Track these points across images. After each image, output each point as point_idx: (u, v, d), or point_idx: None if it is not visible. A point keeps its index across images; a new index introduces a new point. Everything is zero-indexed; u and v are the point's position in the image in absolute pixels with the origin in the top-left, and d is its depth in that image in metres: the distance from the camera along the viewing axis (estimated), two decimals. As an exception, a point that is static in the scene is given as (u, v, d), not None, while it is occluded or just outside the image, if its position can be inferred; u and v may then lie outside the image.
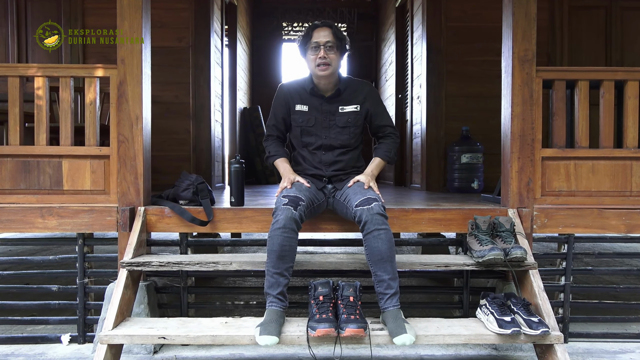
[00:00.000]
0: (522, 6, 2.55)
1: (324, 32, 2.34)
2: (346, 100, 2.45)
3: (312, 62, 2.36)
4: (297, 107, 2.45)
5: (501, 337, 2.07)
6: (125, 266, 2.30)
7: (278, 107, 2.50)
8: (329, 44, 2.33)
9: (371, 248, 2.11)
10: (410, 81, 5.33)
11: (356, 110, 2.44)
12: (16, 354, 2.47)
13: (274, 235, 2.11)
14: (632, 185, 2.64)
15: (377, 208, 2.14)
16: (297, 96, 2.46)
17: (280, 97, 2.50)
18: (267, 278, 2.12)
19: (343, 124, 2.44)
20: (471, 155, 4.22)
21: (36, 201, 2.58)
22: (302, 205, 2.18)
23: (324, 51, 2.32)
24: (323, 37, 2.33)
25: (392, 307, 2.07)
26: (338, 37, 2.36)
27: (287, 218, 2.11)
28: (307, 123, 2.44)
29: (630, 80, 2.65)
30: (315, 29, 2.36)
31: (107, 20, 3.86)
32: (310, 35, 2.35)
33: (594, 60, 4.61)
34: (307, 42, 2.36)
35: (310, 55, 2.36)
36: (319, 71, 2.35)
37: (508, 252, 2.22)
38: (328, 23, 2.38)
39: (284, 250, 2.09)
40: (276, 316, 2.06)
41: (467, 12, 4.53)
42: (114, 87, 2.55)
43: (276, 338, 1.99)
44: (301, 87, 2.47)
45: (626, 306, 2.80)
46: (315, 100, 2.45)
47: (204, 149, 4.56)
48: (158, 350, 2.47)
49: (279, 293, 2.10)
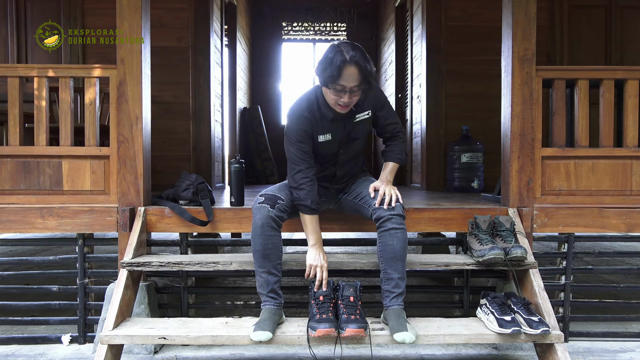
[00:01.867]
0: (522, 5, 2.54)
1: (352, 73, 2.03)
2: (360, 108, 2.25)
3: (332, 100, 2.12)
4: (320, 138, 2.22)
5: (502, 337, 2.07)
6: (125, 266, 2.30)
7: (305, 139, 2.19)
8: (355, 88, 2.07)
9: (385, 245, 2.12)
10: (410, 81, 5.33)
11: (368, 116, 2.28)
12: (17, 354, 2.47)
13: (255, 235, 2.13)
14: (632, 184, 2.64)
15: (399, 209, 2.15)
16: (319, 125, 2.21)
17: (306, 128, 2.19)
18: (257, 278, 2.15)
19: (356, 135, 2.29)
20: (471, 155, 4.22)
21: (36, 201, 2.58)
22: (280, 204, 2.15)
23: (348, 96, 2.09)
24: (351, 82, 2.05)
25: (397, 306, 2.08)
26: (365, 78, 2.07)
27: (264, 217, 2.12)
28: (330, 150, 2.26)
29: (630, 79, 2.65)
30: (345, 66, 2.02)
31: (107, 20, 3.85)
32: (338, 74, 2.03)
33: (593, 59, 4.61)
34: (334, 80, 2.05)
35: (331, 93, 2.10)
36: (339, 110, 2.15)
37: (508, 251, 2.22)
38: (359, 61, 2.03)
39: (267, 249, 2.11)
40: (270, 314, 2.08)
41: (466, 11, 4.52)
42: (114, 87, 2.55)
43: (269, 334, 2.00)
44: (320, 114, 2.21)
45: (626, 305, 2.80)
46: (339, 125, 2.24)
47: (204, 149, 4.57)
48: (158, 351, 2.47)
49: (270, 291, 2.12)
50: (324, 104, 2.19)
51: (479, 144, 4.26)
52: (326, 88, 2.12)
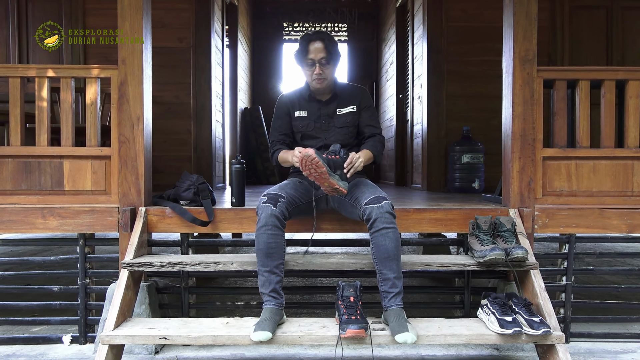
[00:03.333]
0: (523, 6, 2.54)
1: (318, 47, 2.41)
2: (343, 103, 2.54)
3: (308, 75, 2.48)
4: (296, 114, 2.55)
5: (502, 337, 2.06)
6: (126, 266, 2.30)
7: (281, 115, 2.58)
8: (323, 60, 2.42)
9: (378, 246, 2.12)
10: (411, 81, 5.33)
11: (353, 110, 2.54)
12: (17, 354, 2.48)
13: (259, 234, 2.17)
14: (634, 185, 2.64)
15: (387, 206, 2.17)
16: (296, 103, 2.57)
17: (282, 106, 2.59)
18: (259, 277, 2.17)
19: (341, 125, 2.52)
20: (472, 155, 4.22)
21: (37, 202, 2.58)
22: (282, 202, 2.21)
23: (319, 67, 2.42)
24: (317, 53, 2.41)
25: (396, 306, 2.08)
26: (330, 51, 2.43)
27: (268, 215, 2.16)
28: (306, 128, 2.53)
29: (631, 80, 2.65)
30: (310, 42, 2.42)
31: (108, 20, 3.85)
32: (306, 49, 2.43)
33: (595, 60, 4.60)
34: (303, 56, 2.44)
35: (305, 70, 2.48)
36: (316, 84, 2.47)
37: (509, 252, 2.22)
38: (321, 35, 2.44)
39: (270, 248, 2.14)
40: (271, 314, 2.09)
41: (467, 12, 4.52)
42: (115, 88, 2.55)
43: (269, 334, 2.01)
44: (299, 95, 2.58)
45: (628, 306, 2.80)
46: (314, 105, 2.54)
47: (205, 149, 4.57)
48: (159, 351, 2.47)
49: (271, 291, 2.13)
50: (306, 89, 2.56)
51: (479, 144, 4.25)
52: (301, 68, 2.48)
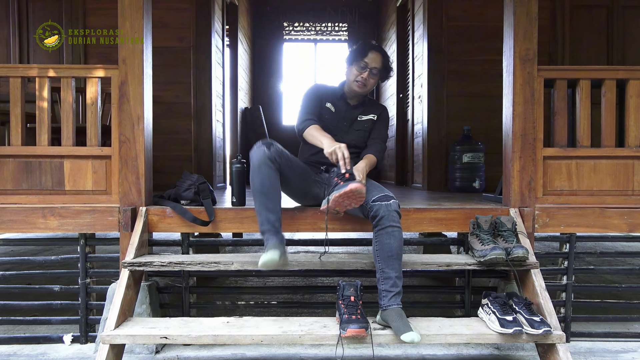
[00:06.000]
0: (523, 5, 2.54)
1: (377, 57, 2.51)
2: (367, 111, 2.63)
3: (354, 75, 2.52)
4: (327, 105, 2.60)
5: (503, 337, 2.07)
6: (127, 266, 2.30)
7: (313, 99, 2.59)
8: (374, 70, 2.51)
9: (382, 244, 2.13)
10: (412, 81, 5.33)
11: (373, 119, 2.63)
12: (18, 354, 2.48)
13: (253, 175, 2.20)
14: (634, 184, 2.64)
15: (395, 205, 2.19)
16: (329, 96, 2.62)
17: (317, 91, 2.63)
18: (258, 218, 2.19)
19: (359, 128, 2.60)
20: (472, 155, 4.22)
21: (38, 201, 2.58)
22: (276, 146, 2.23)
23: (368, 74, 2.50)
24: (374, 62, 2.50)
25: (396, 306, 2.08)
26: (384, 67, 2.54)
27: (261, 156, 2.18)
28: (330, 121, 2.57)
29: (632, 79, 2.65)
30: (372, 50, 2.51)
31: (108, 20, 3.85)
32: (364, 53, 2.49)
33: (595, 59, 4.60)
34: (360, 57, 2.50)
35: (354, 69, 2.52)
36: (355, 87, 2.53)
37: (510, 251, 2.22)
38: (383, 51, 2.55)
39: (265, 187, 2.17)
40: (277, 242, 2.09)
41: (468, 11, 4.52)
42: (116, 88, 2.55)
43: (278, 252, 2.04)
44: (332, 91, 2.65)
45: (628, 305, 2.80)
46: (342, 105, 2.62)
47: (206, 149, 4.57)
48: (160, 350, 2.48)
49: (271, 227, 2.14)
50: (339, 89, 2.63)
51: (480, 144, 4.25)
52: (351, 66, 2.53)
